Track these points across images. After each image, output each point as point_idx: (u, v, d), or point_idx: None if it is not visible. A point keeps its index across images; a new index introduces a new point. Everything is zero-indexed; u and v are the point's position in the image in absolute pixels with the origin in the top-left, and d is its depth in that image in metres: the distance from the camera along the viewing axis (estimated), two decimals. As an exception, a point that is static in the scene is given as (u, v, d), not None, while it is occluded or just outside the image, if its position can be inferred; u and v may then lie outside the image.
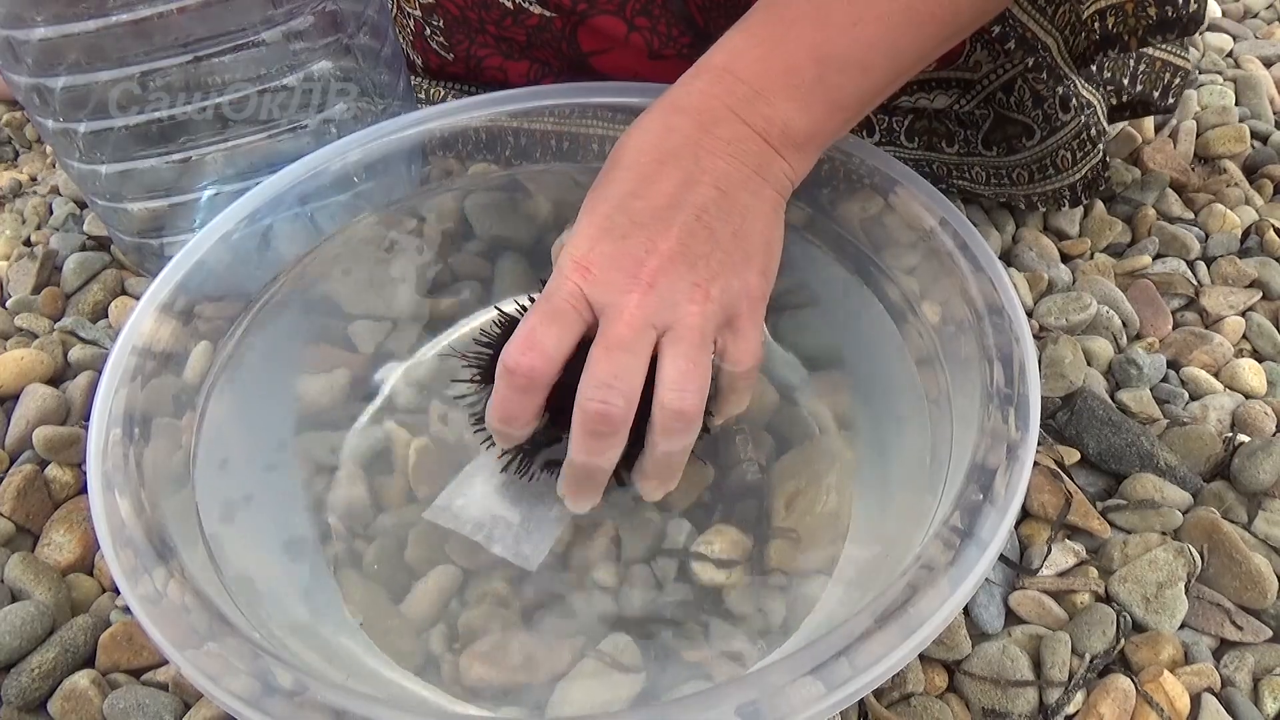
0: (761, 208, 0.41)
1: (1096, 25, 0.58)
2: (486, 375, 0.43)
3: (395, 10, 0.65)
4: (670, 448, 0.40)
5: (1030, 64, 0.56)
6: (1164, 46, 0.62)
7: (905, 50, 0.43)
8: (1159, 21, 0.58)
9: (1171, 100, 0.66)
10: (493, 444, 0.44)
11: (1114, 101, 0.66)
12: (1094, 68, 0.61)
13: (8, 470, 0.53)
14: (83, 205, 0.72)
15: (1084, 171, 0.61)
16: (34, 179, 0.78)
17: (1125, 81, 0.63)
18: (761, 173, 0.41)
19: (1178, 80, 0.64)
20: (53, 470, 0.53)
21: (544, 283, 0.41)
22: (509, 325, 0.43)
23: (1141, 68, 0.63)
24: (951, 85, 0.60)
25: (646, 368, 0.38)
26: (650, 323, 0.38)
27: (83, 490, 0.53)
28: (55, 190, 0.75)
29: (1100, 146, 0.59)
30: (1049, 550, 0.48)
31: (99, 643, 0.46)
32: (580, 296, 0.39)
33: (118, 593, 0.48)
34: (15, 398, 0.56)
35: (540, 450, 0.44)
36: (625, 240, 0.39)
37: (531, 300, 0.42)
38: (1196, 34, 0.61)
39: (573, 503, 0.42)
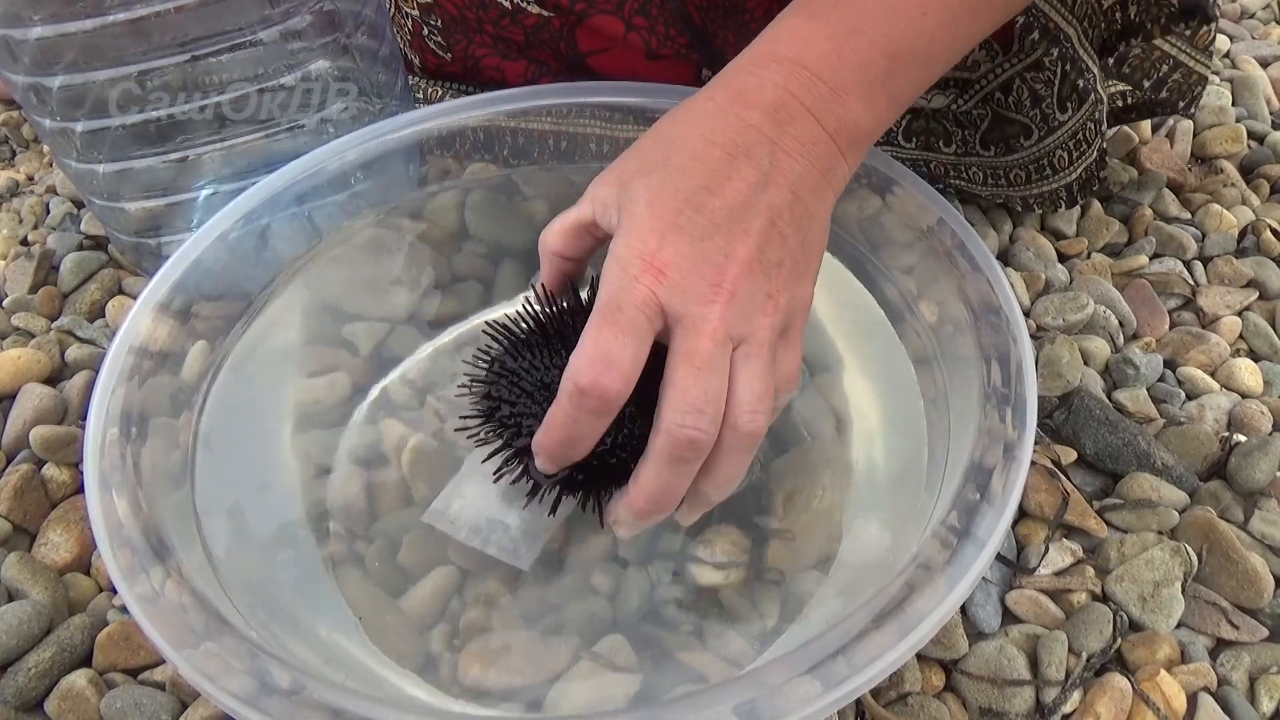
0: (823, 214, 0.39)
1: (1118, 15, 0.58)
2: (488, 408, 0.41)
3: (393, 10, 0.65)
4: (735, 470, 0.37)
5: (1029, 62, 0.56)
6: (1196, 56, 0.62)
7: (961, 40, 0.42)
8: (1181, 9, 0.58)
9: (1193, 111, 0.66)
10: (480, 441, 0.43)
11: (1121, 104, 0.67)
12: (1111, 61, 0.61)
13: (4, 470, 0.53)
14: (80, 205, 0.71)
15: (1079, 171, 0.61)
16: (31, 178, 0.78)
17: (1147, 84, 0.63)
18: (827, 176, 0.39)
19: (1200, 89, 0.64)
20: (49, 470, 0.53)
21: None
22: (509, 338, 0.41)
23: (1176, 76, 0.62)
24: (949, 85, 0.60)
25: (728, 385, 0.36)
26: (729, 336, 0.36)
27: (80, 490, 0.53)
28: (52, 189, 0.74)
29: (1095, 146, 0.60)
30: (1046, 549, 0.48)
31: (96, 642, 0.46)
32: (655, 304, 0.35)
33: (115, 592, 0.48)
34: (12, 397, 0.56)
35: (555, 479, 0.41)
36: (704, 242, 0.36)
37: (530, 308, 0.41)
38: (1213, 31, 0.61)
39: (627, 530, 0.39)
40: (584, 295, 0.41)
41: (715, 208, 0.36)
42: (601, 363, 0.34)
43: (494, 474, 0.43)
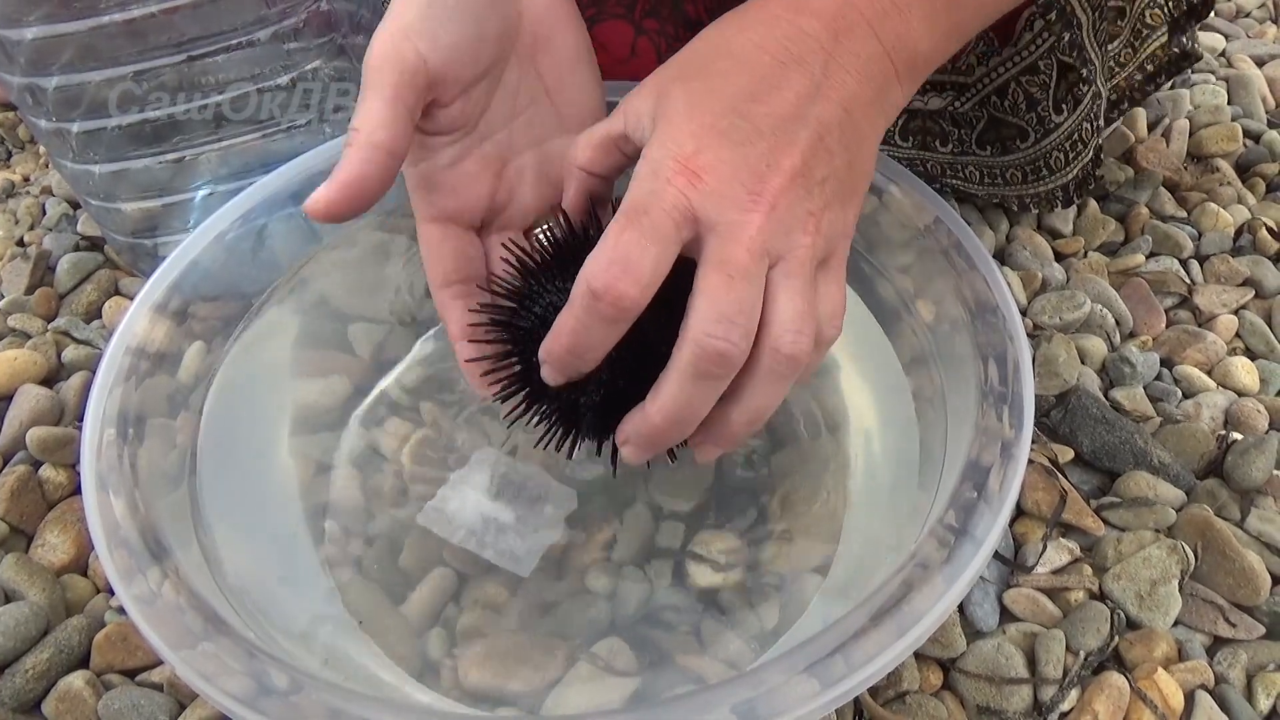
0: (873, 139, 0.37)
1: (1146, 14, 0.58)
2: (512, 332, 0.37)
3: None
4: (769, 401, 0.34)
5: (1024, 66, 0.56)
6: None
7: None
8: (1189, 9, 0.58)
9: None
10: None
11: (1113, 98, 0.67)
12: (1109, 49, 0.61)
13: (1, 471, 0.53)
14: (76, 206, 0.71)
15: (1076, 171, 0.61)
16: (27, 179, 0.78)
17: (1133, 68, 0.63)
18: (880, 99, 0.36)
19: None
20: (46, 471, 0.53)
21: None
22: (522, 264, 0.38)
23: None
24: (946, 88, 0.60)
25: (763, 302, 0.33)
26: (767, 250, 0.33)
27: (76, 491, 0.53)
28: (48, 190, 0.74)
29: (1092, 144, 0.60)
30: (1044, 548, 0.48)
31: (93, 643, 0.46)
32: (686, 209, 0.32)
33: (112, 593, 0.48)
34: (9, 398, 0.56)
35: (565, 401, 0.37)
36: (745, 147, 0.33)
37: (550, 233, 0.37)
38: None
39: (636, 451, 0.36)
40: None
41: (760, 115, 0.33)
42: (620, 265, 0.32)
43: (495, 397, 0.39)
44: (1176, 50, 0.65)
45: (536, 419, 0.39)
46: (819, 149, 0.34)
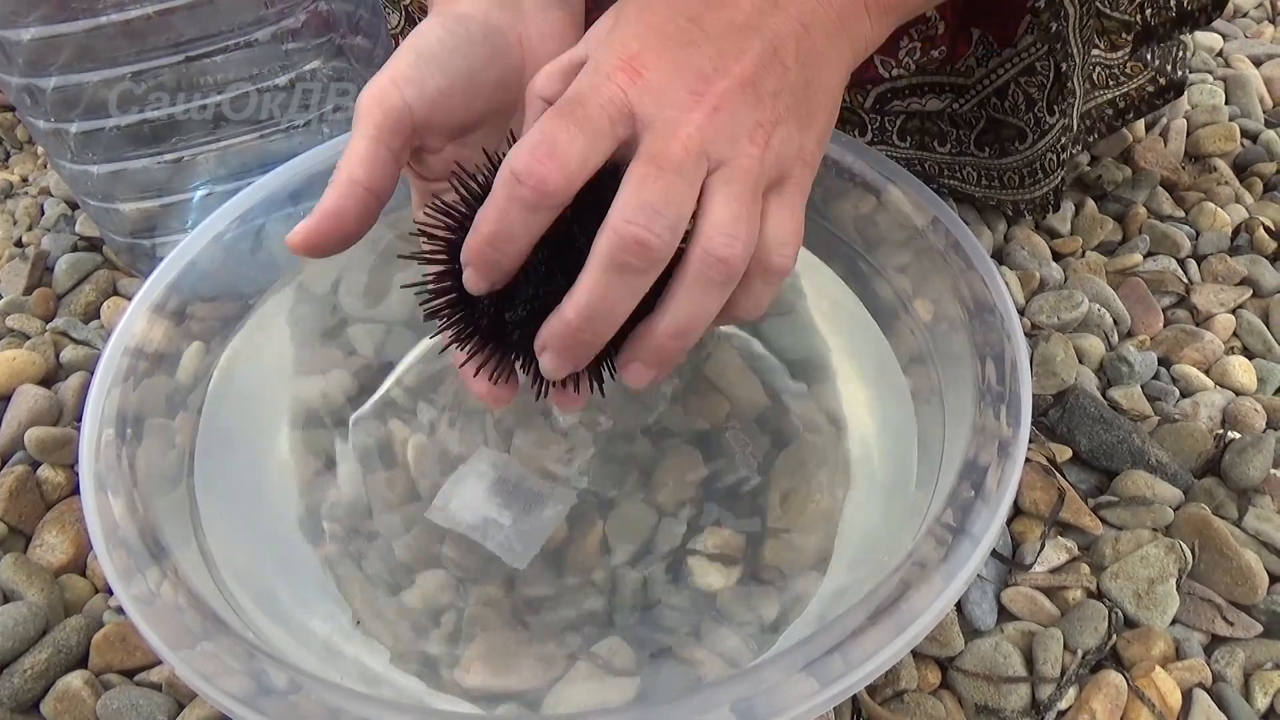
0: (837, 63, 0.35)
1: (1138, 16, 0.58)
2: (449, 248, 0.35)
3: (390, 11, 0.65)
4: (698, 311, 0.32)
5: (1023, 67, 0.57)
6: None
7: None
8: (1178, 16, 0.58)
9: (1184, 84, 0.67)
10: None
11: (1116, 108, 0.67)
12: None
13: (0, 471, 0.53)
14: (75, 206, 0.71)
15: (1062, 175, 0.61)
16: (25, 180, 0.78)
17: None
18: (844, 24, 0.35)
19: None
20: (45, 471, 0.53)
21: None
22: (467, 199, 0.35)
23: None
24: (945, 89, 0.60)
25: (695, 203, 0.32)
26: (705, 152, 0.31)
27: (75, 491, 0.53)
28: (47, 191, 0.74)
29: (1070, 147, 0.60)
30: (1042, 546, 0.49)
31: (92, 643, 0.46)
32: (623, 105, 0.31)
33: (110, 593, 0.48)
34: (7, 399, 0.56)
35: (493, 318, 0.35)
36: (691, 48, 0.32)
37: (500, 155, 0.34)
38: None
39: (555, 360, 0.33)
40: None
41: (711, 21, 0.32)
42: (545, 149, 0.30)
43: (426, 314, 0.37)
44: (1162, 81, 0.65)
45: (466, 341, 0.36)
46: (772, 61, 0.32)
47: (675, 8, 0.33)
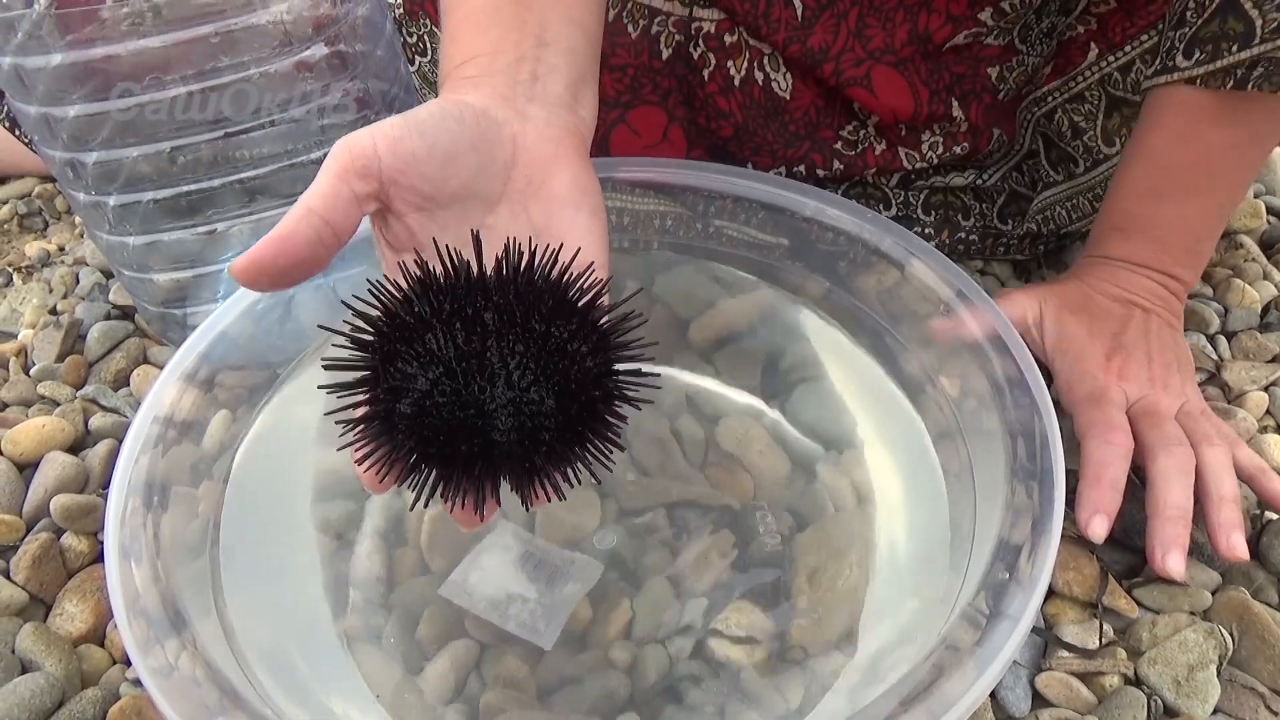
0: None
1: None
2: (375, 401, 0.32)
3: (423, 92, 0.67)
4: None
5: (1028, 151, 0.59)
6: None
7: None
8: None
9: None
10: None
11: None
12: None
13: (24, 538, 0.53)
14: (109, 275, 0.73)
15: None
16: (62, 249, 0.79)
17: None
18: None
19: None
20: (68, 539, 0.52)
21: None
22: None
23: None
24: (968, 166, 0.61)
25: None
26: None
27: (97, 560, 0.52)
28: (83, 261, 0.76)
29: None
30: (1101, 628, 0.47)
31: (107, 717, 0.45)
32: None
33: (129, 664, 0.48)
34: (35, 465, 0.56)
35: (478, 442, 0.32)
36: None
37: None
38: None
39: (1181, 558, 0.47)
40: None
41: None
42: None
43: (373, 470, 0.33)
44: None
45: (445, 483, 0.33)
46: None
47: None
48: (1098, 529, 0.47)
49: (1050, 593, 0.49)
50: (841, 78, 0.57)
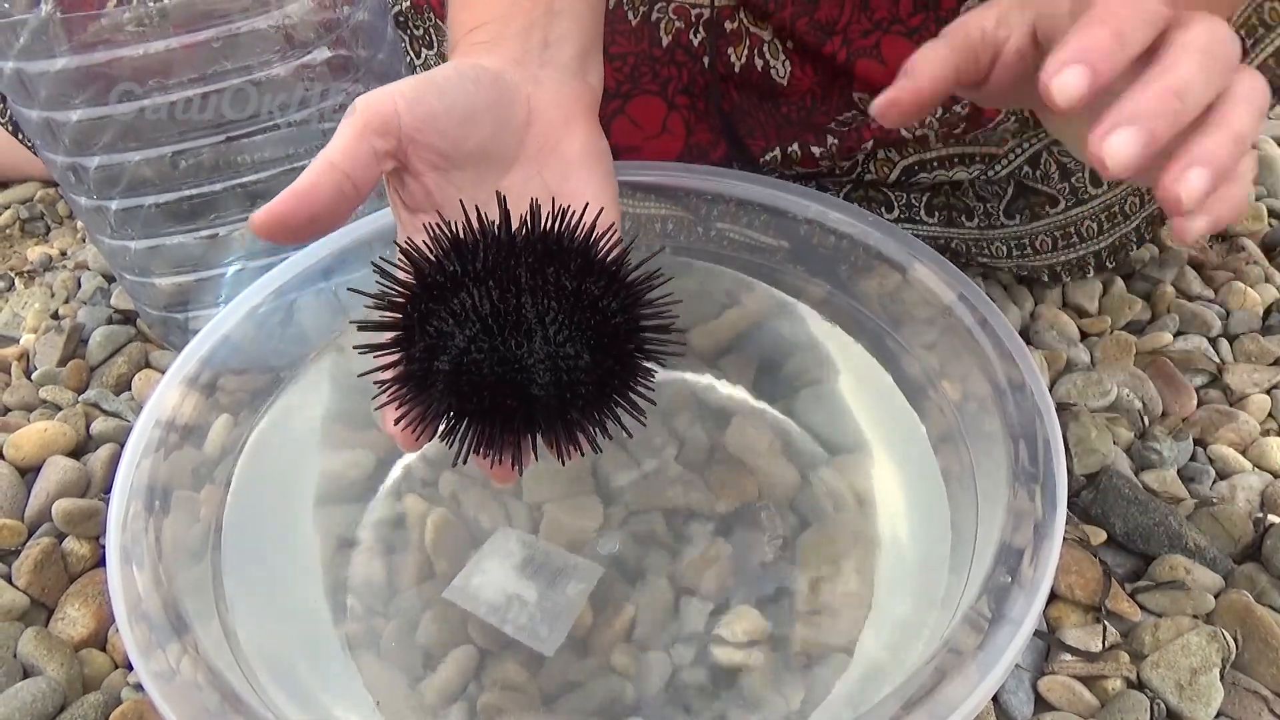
0: None
1: None
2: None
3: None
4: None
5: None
6: None
7: None
8: None
9: None
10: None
11: None
12: None
13: (25, 543, 0.53)
14: (111, 279, 0.73)
15: (1112, 240, 0.61)
16: (64, 253, 0.80)
17: None
18: None
19: None
20: (70, 543, 0.53)
21: None
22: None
23: None
24: (975, 160, 0.60)
25: None
26: None
27: (99, 564, 0.52)
28: (84, 265, 0.76)
29: (1138, 217, 0.60)
30: (1105, 632, 0.47)
31: (109, 721, 0.46)
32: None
33: (130, 669, 0.48)
34: (37, 470, 0.56)
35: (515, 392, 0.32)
36: None
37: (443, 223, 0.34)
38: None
39: (1134, 138, 0.29)
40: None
41: None
42: None
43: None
44: None
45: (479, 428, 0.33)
46: None
47: None
48: (1069, 82, 0.29)
49: (1053, 596, 0.49)
50: (852, 48, 0.56)
